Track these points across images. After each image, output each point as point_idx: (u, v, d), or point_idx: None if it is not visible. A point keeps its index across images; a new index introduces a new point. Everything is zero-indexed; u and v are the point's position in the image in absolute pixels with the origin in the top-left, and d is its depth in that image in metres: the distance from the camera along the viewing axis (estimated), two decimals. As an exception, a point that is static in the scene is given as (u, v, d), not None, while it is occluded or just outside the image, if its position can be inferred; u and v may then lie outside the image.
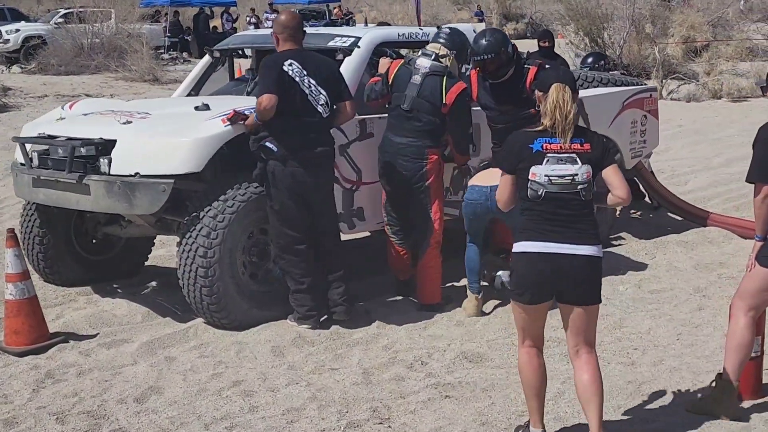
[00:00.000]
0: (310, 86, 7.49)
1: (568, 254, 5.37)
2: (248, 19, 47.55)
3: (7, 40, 35.41)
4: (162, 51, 36.67)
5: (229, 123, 7.49)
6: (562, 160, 5.41)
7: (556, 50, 15.54)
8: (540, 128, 5.49)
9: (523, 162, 5.47)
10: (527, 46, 24.84)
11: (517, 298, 5.56)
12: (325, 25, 44.36)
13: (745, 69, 26.68)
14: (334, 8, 54.10)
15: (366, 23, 13.27)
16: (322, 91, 7.54)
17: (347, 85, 7.92)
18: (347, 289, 7.80)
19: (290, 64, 7.49)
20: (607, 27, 27.95)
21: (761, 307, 6.09)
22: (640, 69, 24.81)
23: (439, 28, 8.77)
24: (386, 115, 8.39)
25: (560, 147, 5.42)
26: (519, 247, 5.50)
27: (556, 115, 5.42)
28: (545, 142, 5.44)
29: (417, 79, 8.19)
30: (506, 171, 5.62)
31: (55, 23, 36.78)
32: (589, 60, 13.07)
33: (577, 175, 5.40)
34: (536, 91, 5.72)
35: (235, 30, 42.68)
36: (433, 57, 8.28)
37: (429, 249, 8.29)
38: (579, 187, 5.40)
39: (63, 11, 40.31)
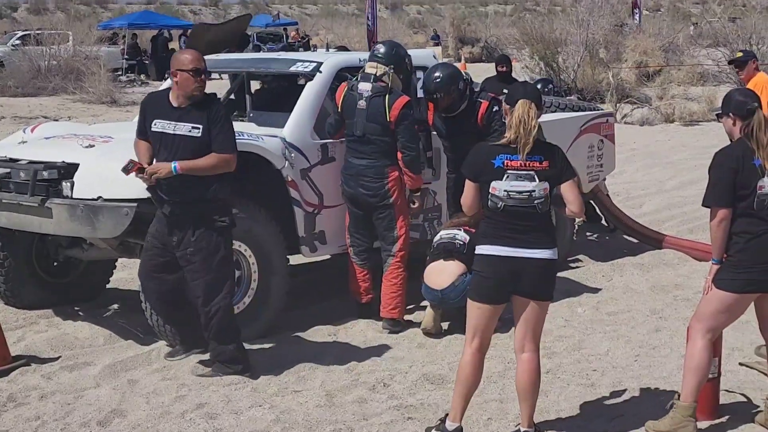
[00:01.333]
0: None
1: (525, 257, 5.71)
2: (206, 41, 47.51)
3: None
4: (120, 73, 36.61)
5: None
6: (520, 177, 5.68)
7: (514, 74, 15.68)
8: (503, 141, 5.74)
9: (485, 176, 5.75)
10: (483, 69, 25.06)
11: (476, 298, 5.84)
12: (282, 48, 44.60)
13: (697, 93, 27.00)
14: (291, 31, 54.19)
15: (327, 48, 13.22)
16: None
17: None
18: None
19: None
20: (562, 51, 28.18)
21: (718, 329, 6.15)
22: (594, 93, 25.03)
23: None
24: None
25: (520, 164, 5.69)
26: (480, 250, 5.83)
27: (520, 129, 5.67)
28: (506, 159, 5.70)
29: (362, 104, 8.24)
30: (470, 179, 5.88)
31: (12, 45, 36.72)
32: (539, 85, 13.08)
33: (534, 191, 5.68)
34: (504, 105, 5.99)
35: (192, 52, 42.64)
36: (372, 78, 8.31)
37: (394, 261, 8.34)
38: (535, 201, 5.69)
39: (20, 33, 40.28)
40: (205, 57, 7.45)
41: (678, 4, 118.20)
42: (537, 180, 5.70)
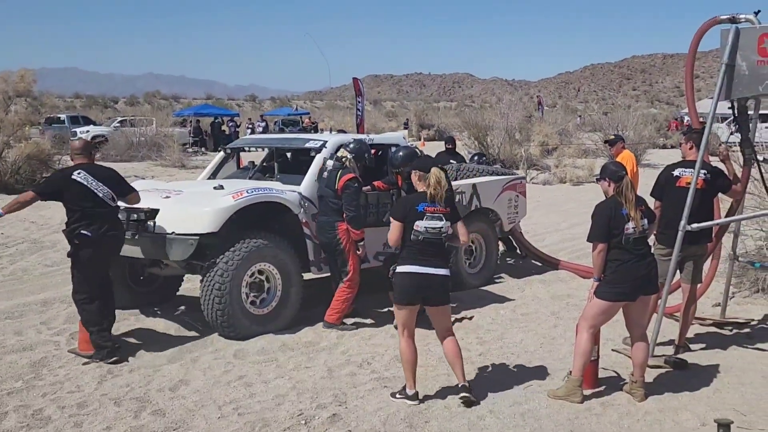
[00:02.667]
0: (97, 186, 6.98)
1: (432, 274, 5.91)
2: (246, 125, 47.57)
3: (80, 138, 35.07)
4: (187, 146, 36.56)
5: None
6: (434, 218, 5.94)
7: (457, 150, 15.69)
8: (424, 194, 6.00)
9: (410, 217, 5.95)
10: (436, 146, 25.12)
11: (401, 302, 5.99)
12: (299, 130, 44.68)
13: (581, 163, 27.13)
14: (305, 119, 54.38)
15: (331, 131, 13.27)
16: (106, 189, 7.01)
17: (127, 183, 7.39)
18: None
19: (79, 173, 6.97)
20: (489, 134, 28.30)
21: (598, 326, 6.15)
22: (511, 162, 25.12)
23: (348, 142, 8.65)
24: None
25: (434, 210, 5.96)
26: (402, 269, 5.97)
27: (438, 187, 5.97)
28: (426, 206, 5.96)
29: (325, 174, 8.22)
30: (398, 220, 6.00)
31: (114, 126, 36.67)
32: (475, 158, 13.04)
33: (442, 227, 5.96)
34: (415, 172, 6.20)
35: (237, 133, 42.73)
36: (335, 159, 8.35)
37: (344, 285, 8.09)
38: (442, 234, 5.97)
39: (120, 118, 40.33)
40: (246, 137, 7.52)
41: (568, 102, 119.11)
42: (444, 219, 5.96)
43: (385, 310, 8.69)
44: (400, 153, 8.59)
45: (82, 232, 6.91)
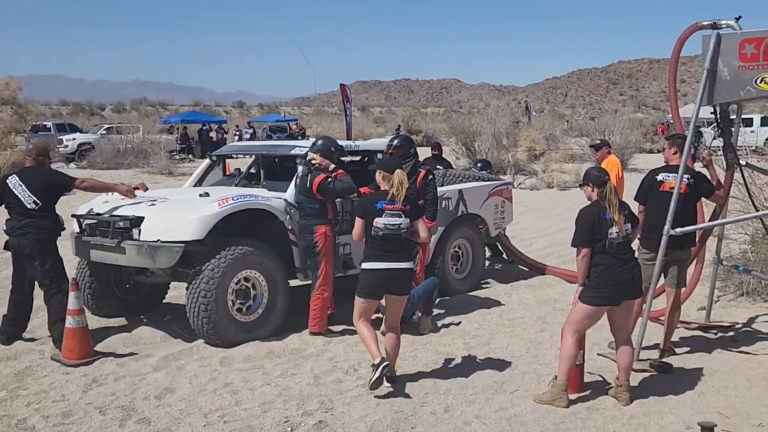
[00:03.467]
0: (23, 192, 7.53)
1: (395, 268, 6.31)
2: (234, 132, 47.55)
3: (67, 146, 35.21)
4: (174, 153, 36.52)
5: None
6: (393, 215, 6.31)
7: (444, 155, 15.71)
8: (385, 193, 6.39)
9: (371, 214, 6.33)
10: (424, 151, 25.16)
11: (363, 296, 6.42)
12: (287, 137, 44.66)
13: (568, 168, 27.29)
14: (293, 125, 54.40)
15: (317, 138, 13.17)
16: (30, 193, 7.53)
17: (64, 179, 7.82)
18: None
19: (11, 178, 7.71)
20: (477, 139, 28.39)
21: (583, 330, 6.17)
22: (498, 168, 25.20)
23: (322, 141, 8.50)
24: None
25: (393, 207, 6.32)
26: (366, 265, 6.37)
27: (400, 188, 6.37)
28: (385, 203, 6.35)
29: (298, 181, 8.18)
30: (359, 217, 6.44)
31: (101, 134, 36.62)
32: (479, 165, 12.59)
33: (401, 224, 6.32)
34: (379, 171, 6.57)
35: (225, 139, 42.68)
36: (303, 164, 8.21)
37: (316, 292, 8.02)
38: (401, 231, 6.32)
39: (106, 126, 40.26)
40: (233, 144, 7.64)
41: (555, 108, 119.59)
42: (403, 217, 6.32)
43: (373, 317, 8.67)
44: (397, 138, 8.80)
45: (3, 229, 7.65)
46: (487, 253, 11.88)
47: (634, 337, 6.60)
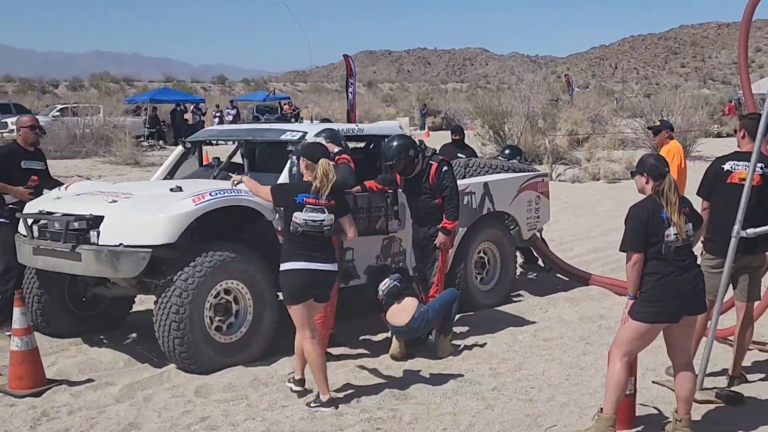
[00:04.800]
0: None
1: (318, 269, 6.66)
2: (214, 113, 47.67)
3: (12, 130, 35.29)
4: (142, 139, 36.66)
5: None
6: (315, 210, 6.65)
7: (467, 141, 15.72)
8: (308, 184, 6.70)
9: (289, 208, 6.69)
10: (443, 136, 25.17)
11: (292, 302, 6.70)
12: (277, 119, 44.74)
13: (618, 156, 27.24)
14: (285, 104, 54.40)
15: (312, 120, 13.22)
16: None
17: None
18: None
19: None
20: (507, 121, 28.38)
21: (633, 353, 6.15)
22: (533, 156, 25.19)
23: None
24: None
25: (315, 201, 6.66)
26: (287, 266, 6.68)
27: (324, 180, 6.66)
28: (305, 197, 6.66)
29: (294, 171, 8.19)
30: (280, 205, 6.90)
31: (53, 116, 36.76)
32: (506, 152, 12.23)
33: (324, 221, 6.67)
34: (302, 159, 6.90)
35: (203, 122, 42.76)
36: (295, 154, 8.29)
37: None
38: (324, 228, 6.68)
39: (59, 106, 40.41)
40: (211, 128, 7.65)
41: (603, 83, 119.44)
42: (326, 212, 6.67)
43: (379, 337, 8.71)
44: (392, 143, 8.62)
45: None
46: (519, 260, 11.87)
47: (697, 362, 6.58)
